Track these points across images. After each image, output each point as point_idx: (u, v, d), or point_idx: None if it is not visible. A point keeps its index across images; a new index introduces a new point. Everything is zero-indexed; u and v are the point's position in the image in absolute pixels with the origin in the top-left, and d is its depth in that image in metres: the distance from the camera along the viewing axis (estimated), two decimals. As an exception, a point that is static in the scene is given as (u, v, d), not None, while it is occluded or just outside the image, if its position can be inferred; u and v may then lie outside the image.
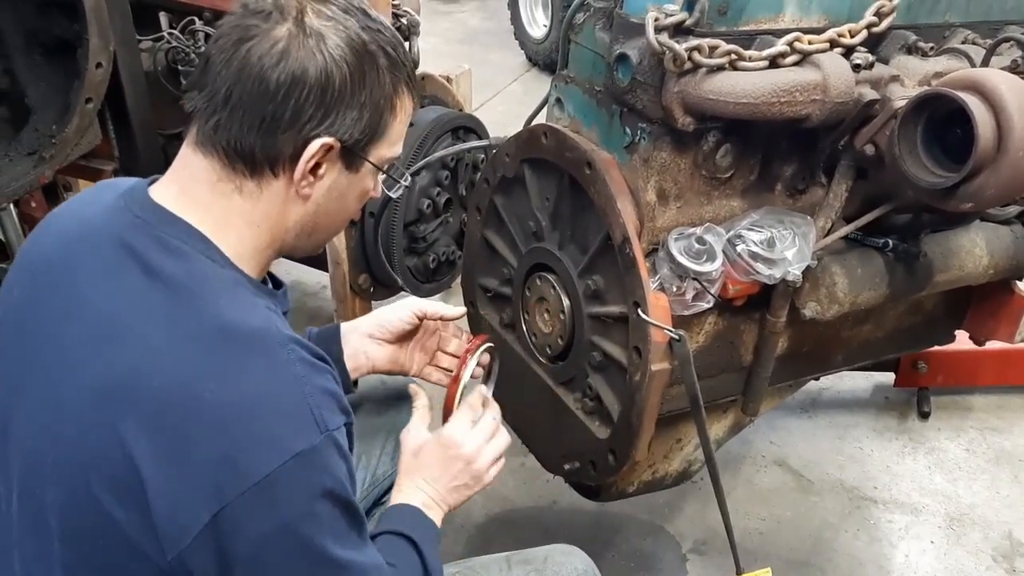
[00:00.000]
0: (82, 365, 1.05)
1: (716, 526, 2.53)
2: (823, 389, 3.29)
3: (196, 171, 1.14)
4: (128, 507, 1.00)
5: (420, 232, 2.86)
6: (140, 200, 1.15)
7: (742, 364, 1.89)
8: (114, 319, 1.06)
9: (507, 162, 1.96)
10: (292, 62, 1.07)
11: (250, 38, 1.08)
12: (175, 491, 0.99)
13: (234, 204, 1.14)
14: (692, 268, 1.59)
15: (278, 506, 1.02)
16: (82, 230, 1.16)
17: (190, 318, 1.05)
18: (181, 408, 1.00)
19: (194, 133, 1.13)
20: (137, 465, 0.98)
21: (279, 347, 1.07)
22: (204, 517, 0.98)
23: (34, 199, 2.95)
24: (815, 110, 1.50)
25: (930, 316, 2.16)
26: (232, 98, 1.08)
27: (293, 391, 1.05)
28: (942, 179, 1.44)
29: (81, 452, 1.02)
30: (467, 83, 3.23)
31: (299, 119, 1.09)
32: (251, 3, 1.11)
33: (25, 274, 1.19)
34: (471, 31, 8.27)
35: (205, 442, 0.99)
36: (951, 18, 1.79)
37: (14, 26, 2.27)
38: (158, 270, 1.07)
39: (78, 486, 1.02)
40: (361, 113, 1.14)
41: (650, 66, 1.53)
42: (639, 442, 1.70)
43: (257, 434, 1.01)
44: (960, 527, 2.70)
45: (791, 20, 1.59)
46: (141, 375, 1.02)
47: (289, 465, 1.01)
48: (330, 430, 1.06)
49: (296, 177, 1.13)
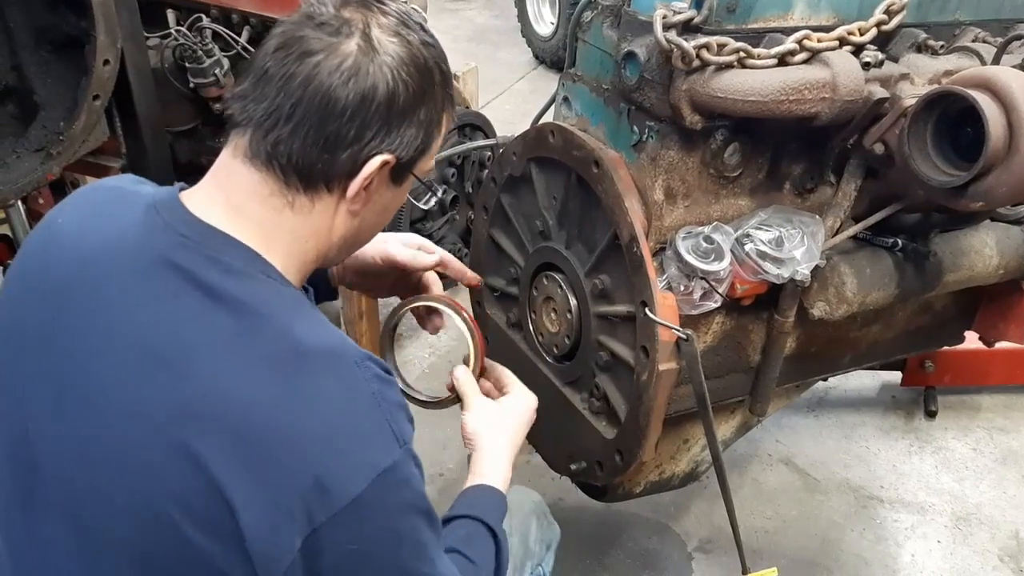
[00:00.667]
0: (142, 390, 1.00)
1: (722, 525, 2.52)
2: (830, 388, 3.28)
3: (245, 184, 1.09)
4: (217, 537, 0.97)
5: (426, 229, 2.86)
6: (180, 216, 1.09)
7: (750, 364, 1.89)
8: (169, 344, 1.01)
9: (514, 161, 1.95)
10: (362, 80, 1.05)
11: (315, 52, 1.04)
12: (268, 518, 0.96)
13: (284, 219, 1.10)
14: (700, 267, 1.59)
15: (366, 525, 1.02)
16: (110, 245, 1.09)
17: (264, 339, 1.02)
18: (266, 434, 0.98)
19: (244, 145, 1.08)
20: (225, 494, 0.95)
21: (355, 366, 1.05)
22: (297, 542, 0.97)
23: (42, 195, 2.97)
24: (824, 108, 1.49)
25: (939, 317, 2.15)
26: (296, 114, 1.04)
27: (373, 410, 1.04)
28: (952, 178, 1.44)
29: (158, 485, 0.98)
30: (474, 81, 3.23)
31: (363, 137, 1.07)
32: (313, 14, 1.07)
33: (40, 287, 1.11)
34: (478, 28, 8.27)
35: (294, 468, 0.98)
36: (961, 16, 1.78)
37: (23, 23, 2.27)
38: (220, 292, 1.02)
39: (158, 520, 0.97)
40: (418, 130, 1.12)
41: (658, 64, 1.53)
42: (646, 442, 1.70)
43: (344, 456, 1.00)
44: (967, 527, 2.69)
45: (800, 18, 1.58)
46: (219, 401, 0.98)
47: (376, 484, 1.00)
48: (408, 443, 1.06)
49: (350, 194, 1.10)
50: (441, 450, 2.75)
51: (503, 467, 1.42)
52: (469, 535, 1.29)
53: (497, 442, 1.44)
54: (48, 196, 3.01)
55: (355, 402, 1.04)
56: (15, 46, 2.28)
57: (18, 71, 2.31)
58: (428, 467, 2.00)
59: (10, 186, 2.25)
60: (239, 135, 1.09)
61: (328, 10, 1.08)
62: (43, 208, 3.01)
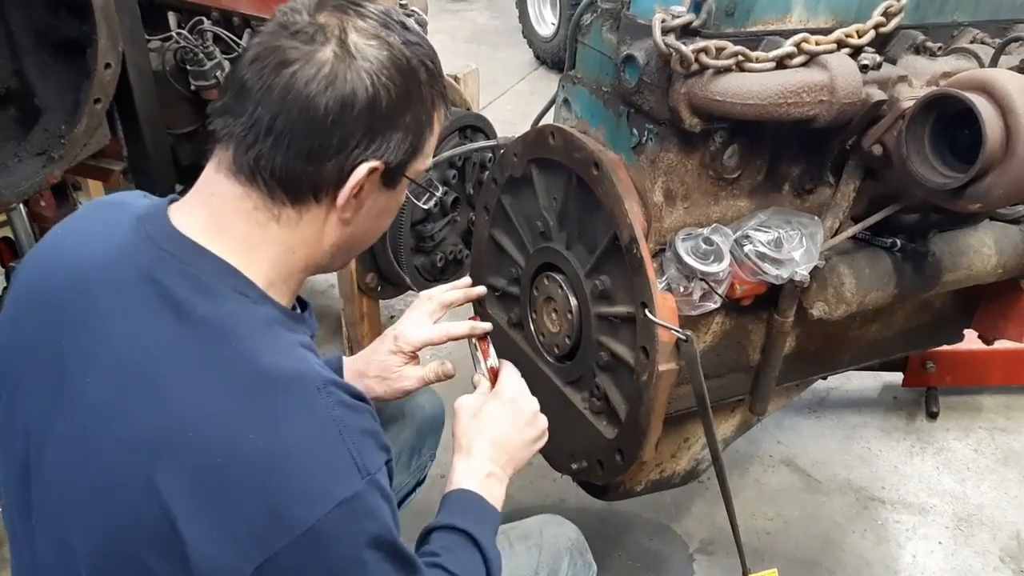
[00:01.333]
0: (113, 414, 1.00)
1: (723, 525, 2.53)
2: (831, 389, 3.29)
3: (228, 199, 1.07)
4: (169, 560, 0.96)
5: (427, 231, 2.87)
6: (163, 230, 1.08)
7: (749, 364, 1.89)
8: (145, 366, 1.01)
9: (515, 162, 1.96)
10: (340, 87, 1.02)
11: (291, 62, 1.02)
12: (217, 544, 0.95)
13: (270, 232, 1.08)
14: (699, 268, 1.59)
15: (323, 556, 0.98)
16: (100, 261, 1.09)
17: (226, 364, 1.00)
18: (220, 459, 0.96)
19: (228, 160, 1.06)
20: (175, 519, 0.95)
21: (316, 392, 1.02)
22: (247, 570, 0.95)
23: (43, 198, 2.97)
24: (822, 111, 1.50)
25: (938, 316, 2.16)
26: (276, 127, 1.02)
27: (332, 437, 1.01)
28: (950, 179, 1.44)
29: (117, 505, 0.98)
30: (475, 82, 3.23)
31: (347, 145, 1.05)
32: (287, 23, 1.05)
33: (34, 304, 1.12)
34: (479, 29, 8.27)
35: (246, 494, 0.96)
36: (959, 17, 1.79)
37: (24, 26, 2.28)
38: (189, 311, 1.01)
39: (115, 539, 0.98)
40: (406, 133, 1.10)
41: (657, 67, 1.53)
42: (646, 442, 1.70)
43: (299, 484, 0.97)
44: (968, 528, 2.69)
45: (798, 21, 1.58)
46: (177, 427, 0.97)
47: (333, 514, 0.97)
48: (372, 473, 1.02)
49: (340, 203, 1.08)
50: (443, 451, 2.75)
51: (481, 464, 1.39)
52: (447, 546, 1.26)
53: (472, 430, 1.43)
54: (50, 199, 3.02)
55: (314, 429, 1.01)
56: (16, 49, 2.28)
57: (19, 74, 2.31)
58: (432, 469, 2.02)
59: (12, 189, 2.26)
60: (222, 149, 1.07)
61: (303, 18, 1.06)
62: (45, 211, 3.02)
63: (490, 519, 1.34)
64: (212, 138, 1.08)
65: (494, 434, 1.42)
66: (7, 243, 3.12)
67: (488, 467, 1.40)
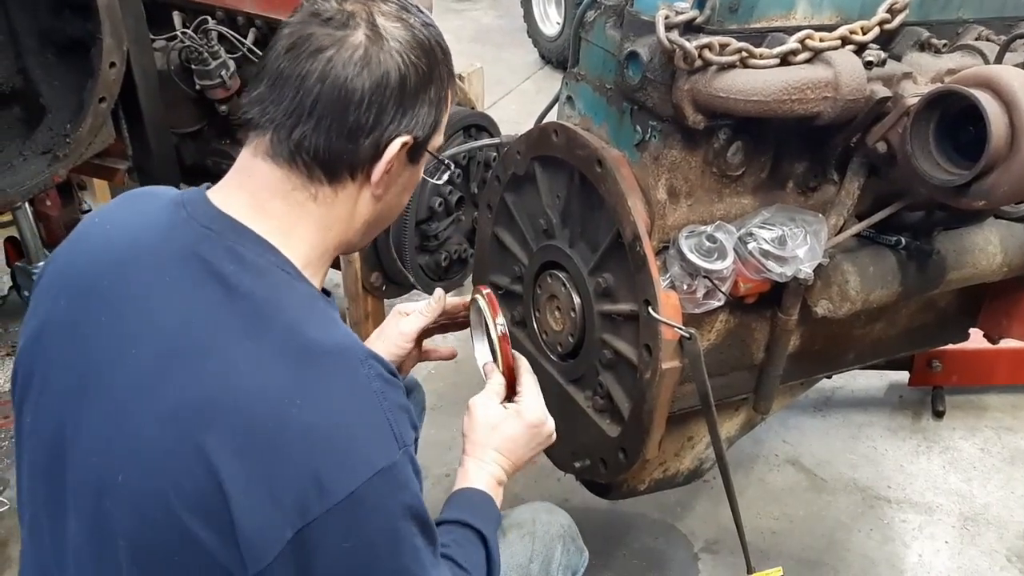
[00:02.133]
0: (158, 384, 1.03)
1: (728, 525, 2.51)
2: (836, 388, 3.28)
3: (268, 181, 1.12)
4: (211, 525, 0.99)
5: (432, 230, 2.87)
6: (205, 210, 1.12)
7: (753, 362, 1.89)
8: (191, 336, 1.04)
9: (518, 160, 1.96)
10: (375, 68, 1.09)
11: (326, 47, 1.08)
12: (261, 508, 0.98)
13: (308, 211, 1.14)
14: (703, 266, 1.59)
15: (360, 524, 1.02)
16: (138, 240, 1.13)
17: (273, 335, 1.04)
18: (267, 426, 0.99)
19: (265, 144, 1.11)
20: (222, 482, 0.97)
21: (360, 364, 1.07)
22: (288, 534, 0.98)
23: (48, 197, 2.98)
24: (826, 108, 1.49)
25: (943, 314, 2.15)
26: (317, 110, 1.08)
27: (374, 408, 1.05)
28: (955, 177, 1.43)
29: (161, 470, 1.00)
30: (479, 81, 3.22)
31: (382, 122, 1.11)
32: (317, 11, 1.11)
33: (70, 284, 1.15)
34: (483, 28, 8.26)
35: (291, 460, 0.99)
36: (964, 14, 1.78)
37: (28, 26, 2.29)
38: (236, 285, 1.05)
39: (156, 504, 1.00)
40: (430, 108, 1.17)
41: (660, 64, 1.53)
42: (650, 440, 1.70)
43: (342, 452, 1.01)
44: (974, 527, 2.68)
45: (802, 17, 1.58)
46: (226, 393, 1.01)
47: (372, 482, 1.01)
48: (407, 445, 1.07)
49: (375, 179, 1.15)
50: (447, 451, 2.75)
51: (494, 470, 1.43)
52: (458, 540, 1.29)
53: (490, 442, 1.45)
54: (55, 198, 3.03)
55: (357, 399, 1.05)
56: (21, 49, 2.30)
57: (24, 74, 2.32)
58: (434, 467, 2.02)
59: (17, 188, 2.27)
60: (259, 135, 1.12)
61: (331, 5, 1.11)
62: (50, 210, 3.03)
63: (496, 520, 1.39)
64: (248, 125, 1.13)
65: (513, 456, 1.47)
66: (12, 243, 3.13)
67: (500, 476, 1.45)
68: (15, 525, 2.47)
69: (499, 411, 1.48)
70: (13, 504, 2.52)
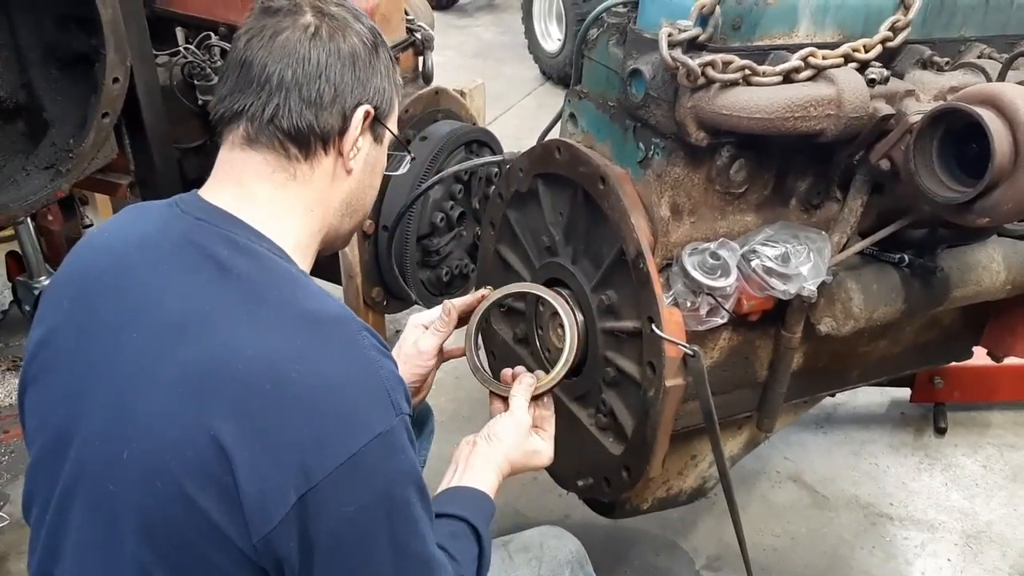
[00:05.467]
0: (159, 359, 1.06)
1: (730, 542, 2.51)
2: (838, 404, 3.27)
3: (248, 167, 1.19)
4: (214, 492, 1.00)
5: (433, 245, 2.87)
6: (196, 204, 1.19)
7: (757, 380, 1.88)
8: (191, 314, 1.08)
9: (520, 177, 1.96)
10: (327, 41, 1.19)
11: (283, 30, 1.17)
12: (264, 471, 1.00)
13: (290, 192, 1.20)
14: (706, 283, 1.59)
15: (361, 486, 1.03)
16: (135, 238, 1.19)
17: (271, 307, 1.08)
18: (267, 389, 1.02)
19: (240, 134, 1.19)
20: (224, 447, 0.99)
21: (356, 332, 1.11)
22: (292, 497, 0.99)
23: (51, 212, 2.98)
24: (829, 125, 1.49)
25: (947, 332, 2.14)
26: (284, 84, 1.16)
27: (372, 374, 1.08)
28: (958, 194, 1.43)
29: (163, 442, 1.02)
30: (481, 97, 3.23)
31: (341, 92, 1.19)
32: (268, 7, 1.21)
33: (72, 287, 1.20)
34: (485, 45, 8.29)
35: (292, 422, 1.01)
36: (967, 32, 1.78)
37: (33, 41, 2.29)
38: (231, 267, 1.10)
39: (160, 475, 1.02)
40: (381, 83, 1.26)
41: (664, 81, 1.53)
42: (653, 458, 1.69)
43: (342, 414, 1.03)
44: (977, 545, 2.67)
45: (805, 35, 1.58)
46: (225, 362, 1.03)
47: (373, 445, 1.03)
48: (404, 412, 1.09)
49: (346, 148, 1.22)
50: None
51: (495, 479, 1.44)
52: (454, 533, 1.30)
53: (500, 456, 1.46)
54: (57, 213, 3.03)
55: (356, 366, 1.08)
56: (25, 64, 2.30)
57: (28, 88, 2.32)
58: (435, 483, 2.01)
59: (19, 203, 2.27)
60: (232, 129, 1.20)
61: (280, 1, 1.22)
62: (52, 225, 3.03)
63: (490, 519, 1.39)
64: (221, 122, 1.21)
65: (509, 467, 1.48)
66: (15, 257, 3.13)
67: (497, 483, 1.45)
68: (15, 540, 2.47)
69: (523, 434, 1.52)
70: (13, 519, 2.51)
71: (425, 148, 2.76)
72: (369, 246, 2.82)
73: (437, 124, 2.90)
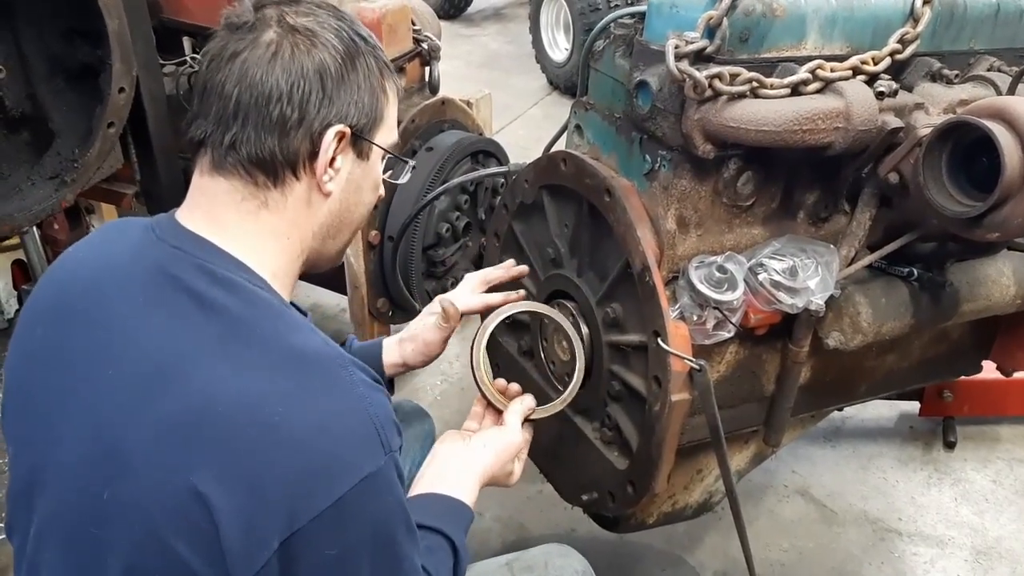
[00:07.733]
0: (139, 406, 1.02)
1: (737, 557, 2.48)
2: (846, 418, 3.24)
3: (217, 195, 1.14)
4: (196, 541, 0.97)
5: (439, 256, 2.86)
6: (174, 231, 1.14)
7: (764, 394, 1.86)
8: (170, 355, 1.03)
9: (526, 188, 1.95)
10: (288, 60, 1.10)
11: (241, 51, 1.10)
12: (248, 519, 0.96)
13: (262, 220, 1.14)
14: (713, 297, 1.57)
15: (345, 529, 1.01)
16: (109, 263, 1.14)
17: (251, 347, 1.04)
18: (249, 433, 0.98)
19: (207, 160, 1.13)
20: (206, 497, 0.96)
21: (341, 368, 1.07)
22: (274, 543, 0.96)
23: (56, 221, 2.98)
24: (838, 138, 1.48)
25: (956, 346, 2.12)
26: (241, 109, 1.09)
27: (360, 413, 1.04)
28: (968, 208, 1.42)
29: (145, 487, 0.99)
30: (487, 107, 3.23)
31: (307, 113, 1.11)
32: (232, 23, 1.14)
33: (47, 314, 1.16)
34: (492, 54, 8.30)
35: (277, 468, 0.98)
36: (976, 45, 1.77)
37: (38, 52, 2.29)
38: (210, 301, 1.05)
39: (144, 523, 0.98)
40: (360, 96, 1.17)
41: (670, 93, 1.52)
42: (659, 473, 1.68)
43: (328, 457, 1.00)
44: (987, 560, 2.64)
45: (813, 47, 1.57)
46: (207, 408, 0.99)
47: (359, 487, 1.00)
48: (393, 450, 1.06)
49: (319, 172, 1.15)
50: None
51: (476, 488, 1.44)
52: (430, 547, 1.28)
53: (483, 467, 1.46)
54: (62, 223, 3.03)
55: (343, 404, 1.04)
56: (30, 74, 2.30)
57: (33, 99, 2.32)
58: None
59: (25, 213, 2.26)
60: (202, 155, 1.14)
61: (244, 14, 1.15)
62: (57, 234, 3.02)
63: (468, 527, 1.38)
64: (191, 148, 1.16)
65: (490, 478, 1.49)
66: (20, 265, 3.13)
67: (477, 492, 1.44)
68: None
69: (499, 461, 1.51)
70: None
71: (431, 158, 2.75)
72: (374, 256, 2.81)
73: (443, 134, 2.90)
